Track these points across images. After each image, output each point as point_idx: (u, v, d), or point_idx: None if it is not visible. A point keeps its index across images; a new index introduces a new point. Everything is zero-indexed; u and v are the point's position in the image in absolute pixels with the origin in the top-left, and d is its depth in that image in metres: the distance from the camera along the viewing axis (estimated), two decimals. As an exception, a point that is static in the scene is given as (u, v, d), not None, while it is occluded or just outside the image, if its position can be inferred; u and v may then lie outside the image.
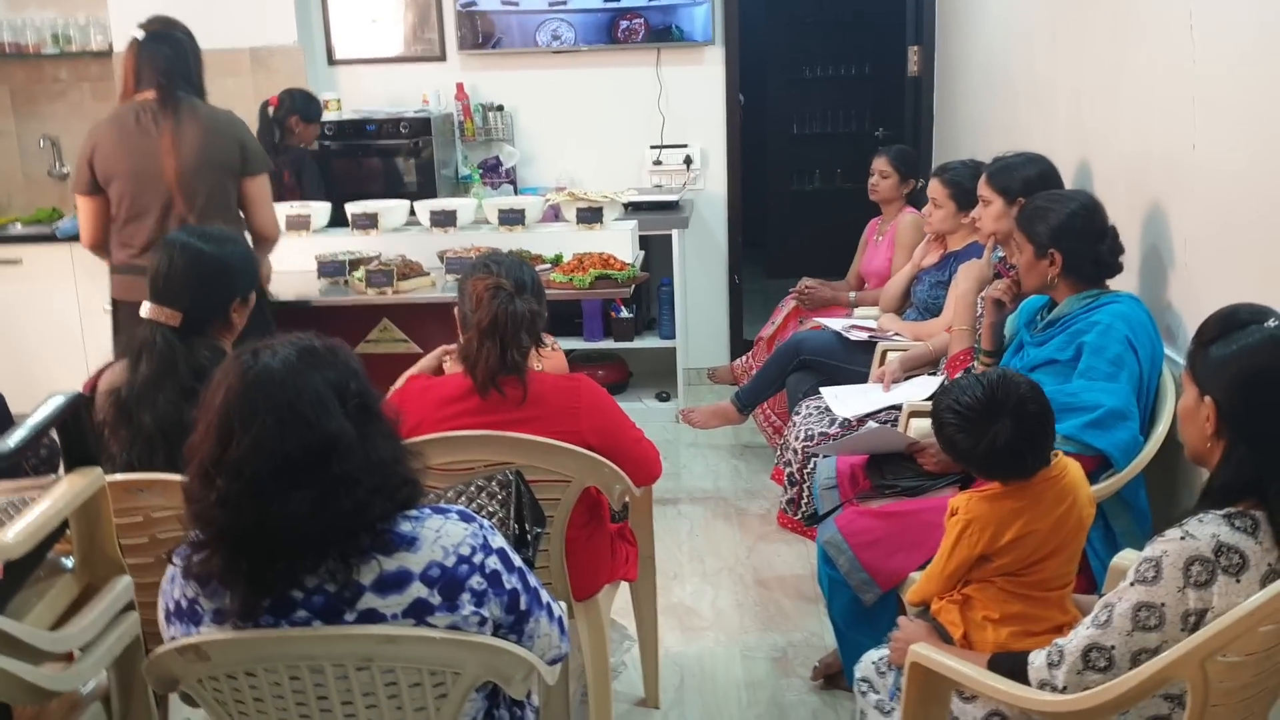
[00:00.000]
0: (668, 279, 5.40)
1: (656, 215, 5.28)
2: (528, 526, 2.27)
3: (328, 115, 5.45)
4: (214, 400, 1.64)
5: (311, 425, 1.61)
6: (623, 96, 5.83)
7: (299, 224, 4.30)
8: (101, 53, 5.70)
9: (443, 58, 5.86)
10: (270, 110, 4.90)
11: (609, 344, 5.57)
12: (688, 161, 5.83)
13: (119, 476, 2.36)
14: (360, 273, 3.86)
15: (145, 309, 2.47)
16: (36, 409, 2.10)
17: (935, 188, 3.92)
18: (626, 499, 2.59)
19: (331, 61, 5.91)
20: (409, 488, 1.73)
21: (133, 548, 2.35)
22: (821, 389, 3.76)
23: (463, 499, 2.29)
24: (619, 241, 4.20)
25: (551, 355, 2.80)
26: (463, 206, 4.35)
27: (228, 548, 1.63)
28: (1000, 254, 3.22)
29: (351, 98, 5.80)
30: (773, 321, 4.84)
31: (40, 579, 2.12)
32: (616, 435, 2.56)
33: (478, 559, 1.70)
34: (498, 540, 1.77)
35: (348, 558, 1.63)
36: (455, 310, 2.58)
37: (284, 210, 4.36)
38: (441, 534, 1.70)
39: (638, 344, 5.60)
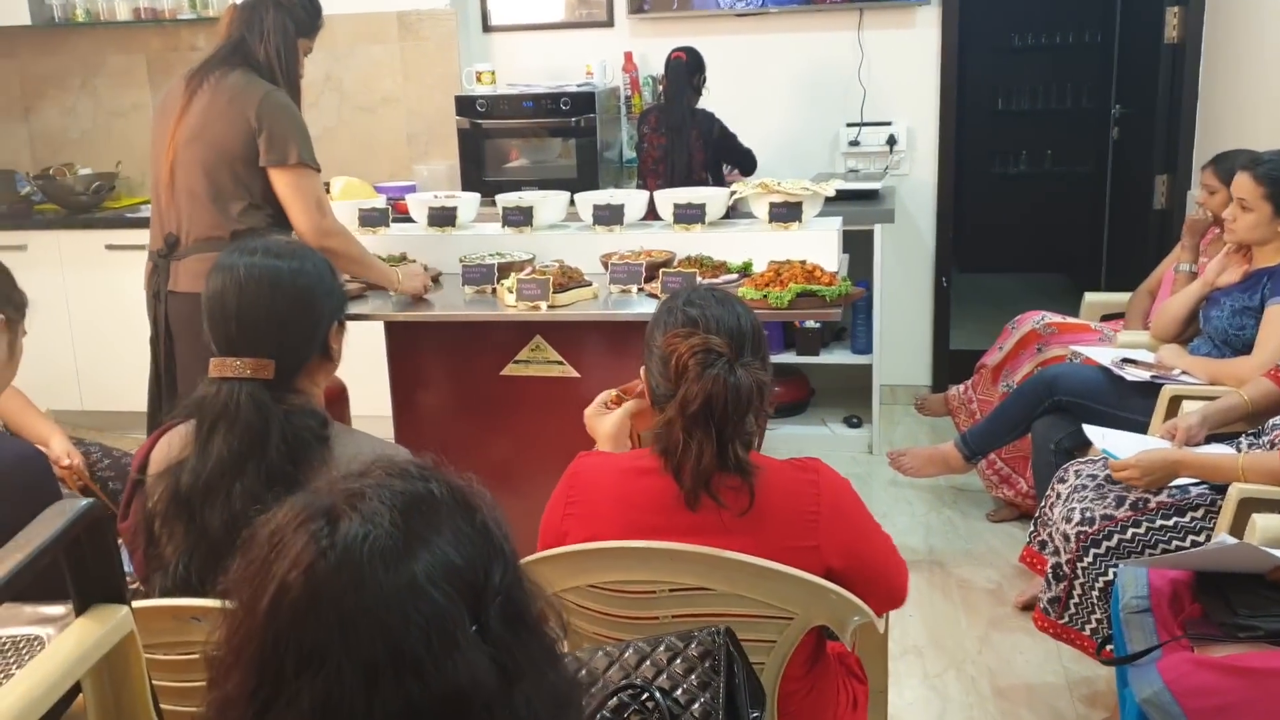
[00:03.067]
0: (864, 282, 4.57)
1: (854, 207, 4.45)
2: (746, 714, 1.52)
3: (480, 89, 4.79)
4: (256, 600, 0.93)
5: (424, 674, 0.90)
6: (817, 66, 5.01)
7: (443, 219, 3.64)
8: (237, 19, 5.15)
9: (610, 23, 5.14)
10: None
11: (790, 357, 4.79)
12: (891, 142, 4.97)
13: (164, 602, 1.70)
14: (510, 281, 3.17)
15: (218, 365, 1.80)
16: (34, 525, 1.45)
17: (1244, 184, 3.01)
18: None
19: (486, 28, 5.24)
20: None
21: (181, 692, 1.70)
22: (1087, 428, 2.92)
23: (646, 665, 1.56)
24: (821, 244, 3.40)
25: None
26: (631, 200, 3.61)
27: None
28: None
29: (507, 70, 5.12)
30: (1000, 347, 3.98)
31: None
32: (865, 550, 1.80)
33: None
34: None
35: None
36: (641, 372, 1.85)
37: (425, 201, 3.70)
38: None
39: (824, 358, 4.81)
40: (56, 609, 1.57)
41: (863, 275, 4.57)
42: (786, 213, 3.46)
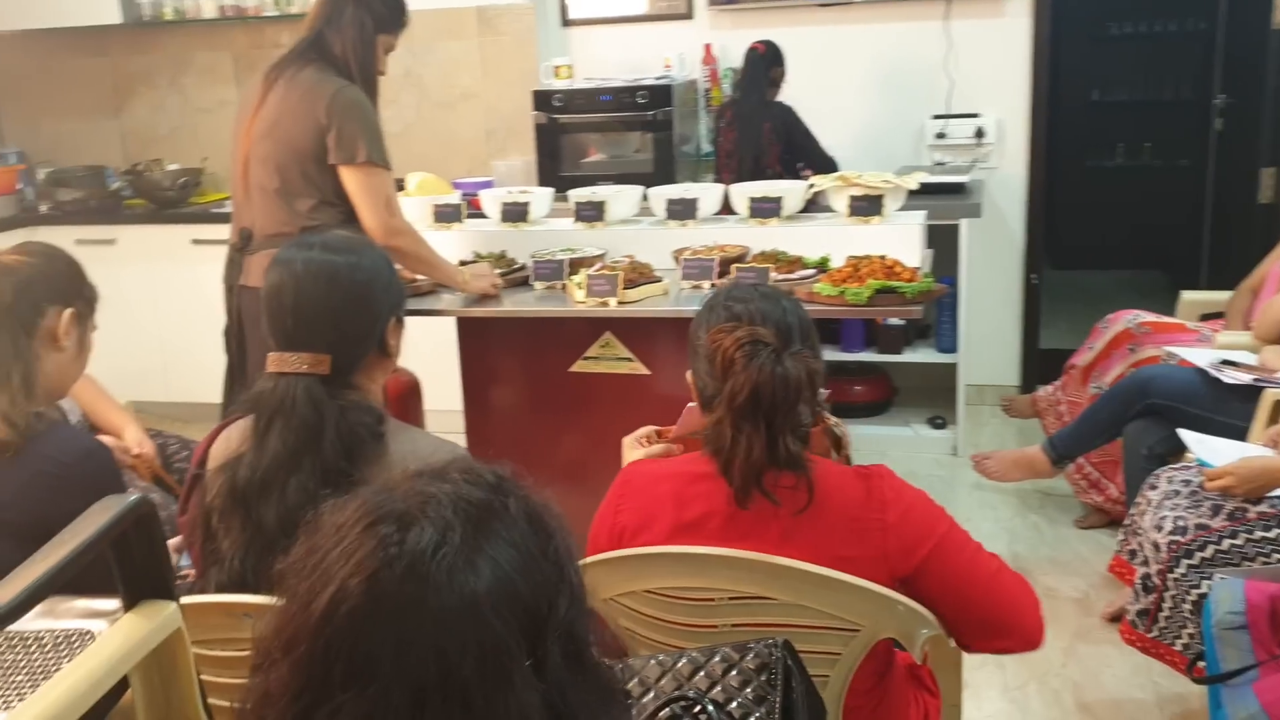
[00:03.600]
0: (950, 278, 4.43)
1: (940, 201, 4.32)
2: (799, 730, 1.45)
3: (557, 84, 4.76)
4: (312, 598, 0.88)
5: (471, 707, 0.85)
6: (901, 57, 4.88)
7: (516, 214, 3.60)
8: (320, 15, 5.18)
9: (689, 15, 5.06)
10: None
11: (871, 355, 4.67)
12: (979, 135, 4.83)
13: (215, 598, 1.68)
14: (580, 277, 3.12)
15: (276, 361, 1.78)
16: (81, 520, 1.43)
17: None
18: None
19: (565, 22, 5.21)
20: None
21: (231, 688, 1.67)
22: (1182, 433, 2.78)
23: (700, 675, 1.49)
24: (903, 239, 3.30)
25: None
26: (706, 194, 3.54)
27: None
28: None
29: (585, 64, 5.08)
30: (1090, 347, 3.82)
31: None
32: (944, 564, 1.68)
33: None
34: None
35: None
36: (688, 376, 1.79)
37: (499, 197, 3.67)
38: None
39: (907, 356, 4.68)
40: (109, 604, 1.55)
41: (948, 271, 4.43)
42: (867, 206, 3.36)
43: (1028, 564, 3.50)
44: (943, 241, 4.37)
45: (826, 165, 4.43)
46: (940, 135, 4.87)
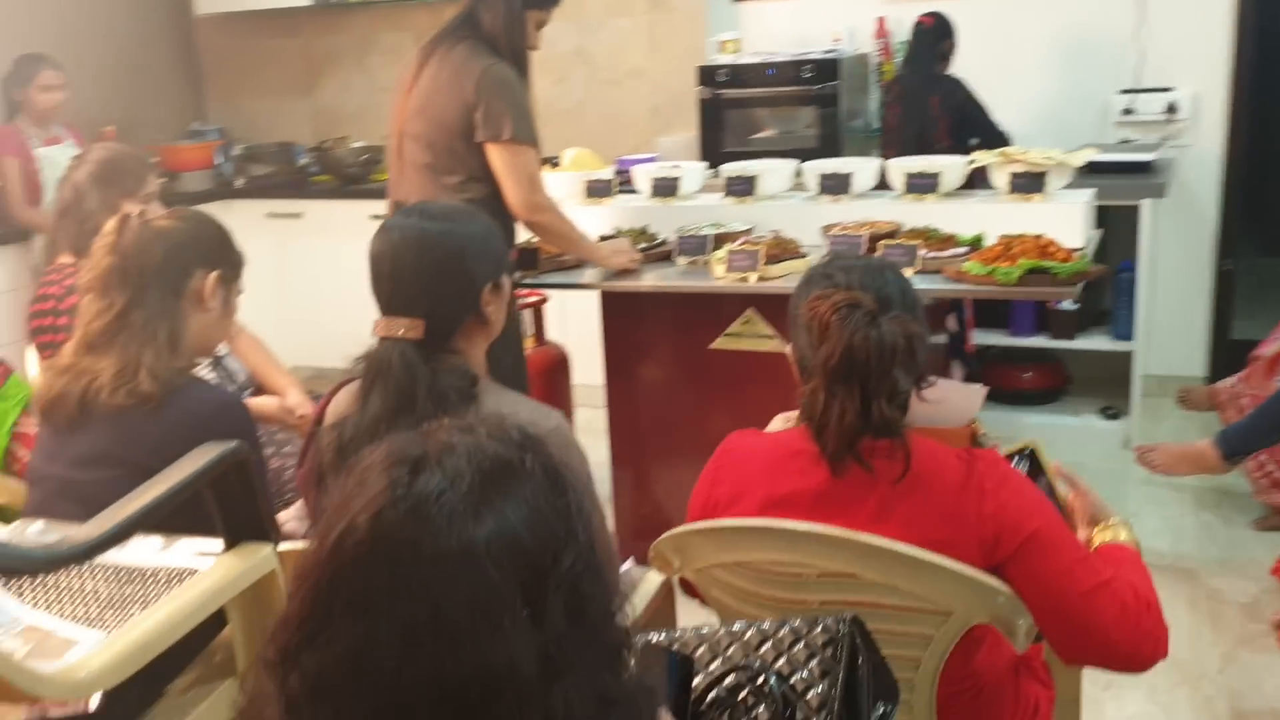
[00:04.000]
0: (1129, 262, 4.22)
1: (1121, 180, 4.10)
2: (866, 707, 1.41)
3: (723, 59, 4.73)
4: (328, 532, 0.92)
5: (459, 648, 0.87)
6: (1085, 28, 4.66)
7: (666, 189, 3.61)
8: (497, -5, 5.29)
9: (864, -13, 4.96)
10: None
11: (1043, 341, 4.48)
12: (1170, 110, 4.55)
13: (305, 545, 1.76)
14: (722, 252, 3.10)
15: (378, 325, 1.85)
16: (182, 461, 1.52)
17: None
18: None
19: (737, -3, 5.18)
20: None
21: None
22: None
23: (767, 646, 1.47)
24: (1066, 218, 3.14)
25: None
26: (860, 168, 3.46)
27: None
28: None
29: (755, 39, 5.03)
30: (1277, 338, 3.56)
31: (180, 692, 1.56)
32: (1040, 565, 1.59)
33: None
34: None
35: None
36: (789, 350, 1.76)
37: (650, 172, 3.69)
38: None
39: (1080, 343, 4.48)
40: (218, 545, 1.65)
41: (1127, 255, 4.22)
42: (1029, 183, 3.21)
43: (1193, 564, 3.30)
44: (1124, 223, 4.16)
45: (1000, 141, 4.26)
46: (1127, 111, 4.62)
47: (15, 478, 2.25)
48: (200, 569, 1.61)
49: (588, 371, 3.77)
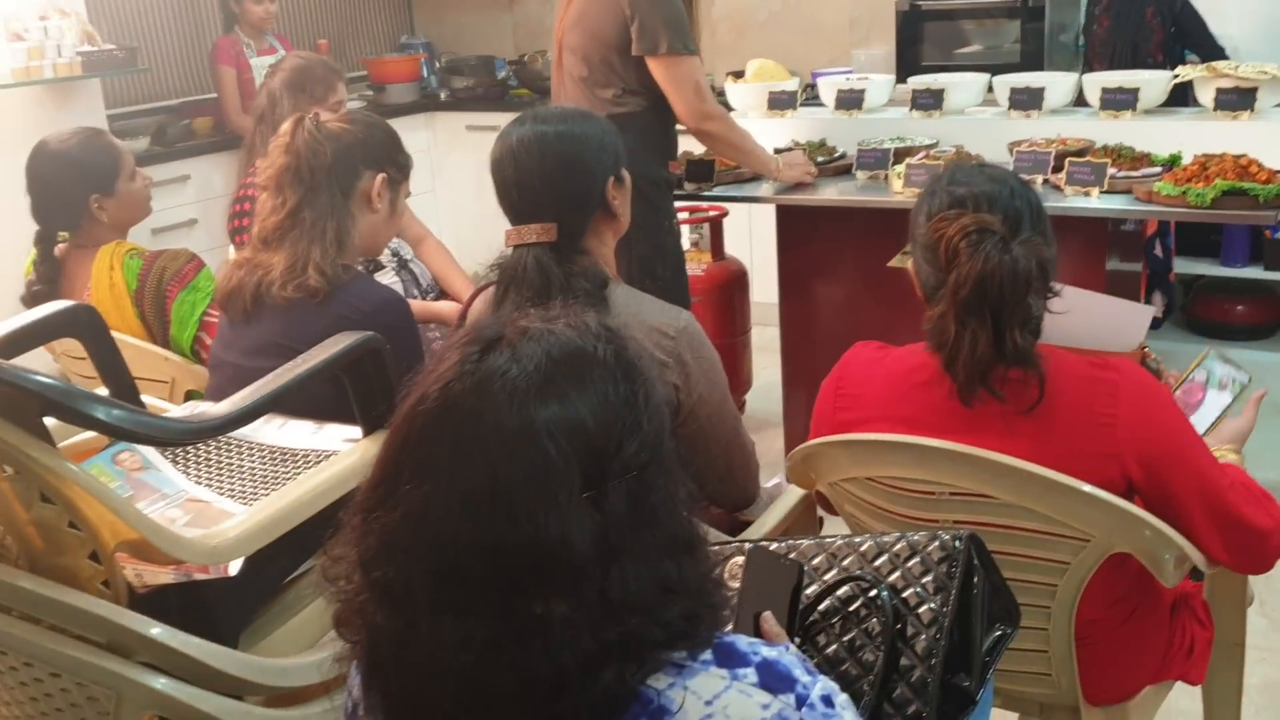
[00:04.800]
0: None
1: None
2: (980, 627, 1.37)
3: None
4: (404, 403, 0.98)
5: (516, 519, 0.89)
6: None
7: (850, 102, 3.51)
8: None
9: (1082, -109, 4.65)
10: None
11: (1256, 272, 4.17)
12: None
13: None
14: (901, 167, 3.01)
15: (510, 234, 1.87)
16: (320, 346, 1.60)
17: None
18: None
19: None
20: (689, 625, 0.96)
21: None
22: None
23: (883, 559, 1.45)
24: (1276, 137, 2.90)
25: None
26: (1054, 82, 3.27)
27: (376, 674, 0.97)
28: None
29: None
30: None
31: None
32: (1179, 469, 1.55)
33: None
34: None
35: None
36: (910, 267, 1.70)
37: (834, 84, 3.59)
38: (716, 711, 0.91)
39: (1302, 275, 4.15)
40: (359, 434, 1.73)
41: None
42: (1237, 100, 2.98)
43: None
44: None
45: (1219, 55, 3.95)
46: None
47: (203, 365, 2.41)
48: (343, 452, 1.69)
49: (768, 289, 3.74)
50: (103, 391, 1.83)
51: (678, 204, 3.23)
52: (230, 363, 2.13)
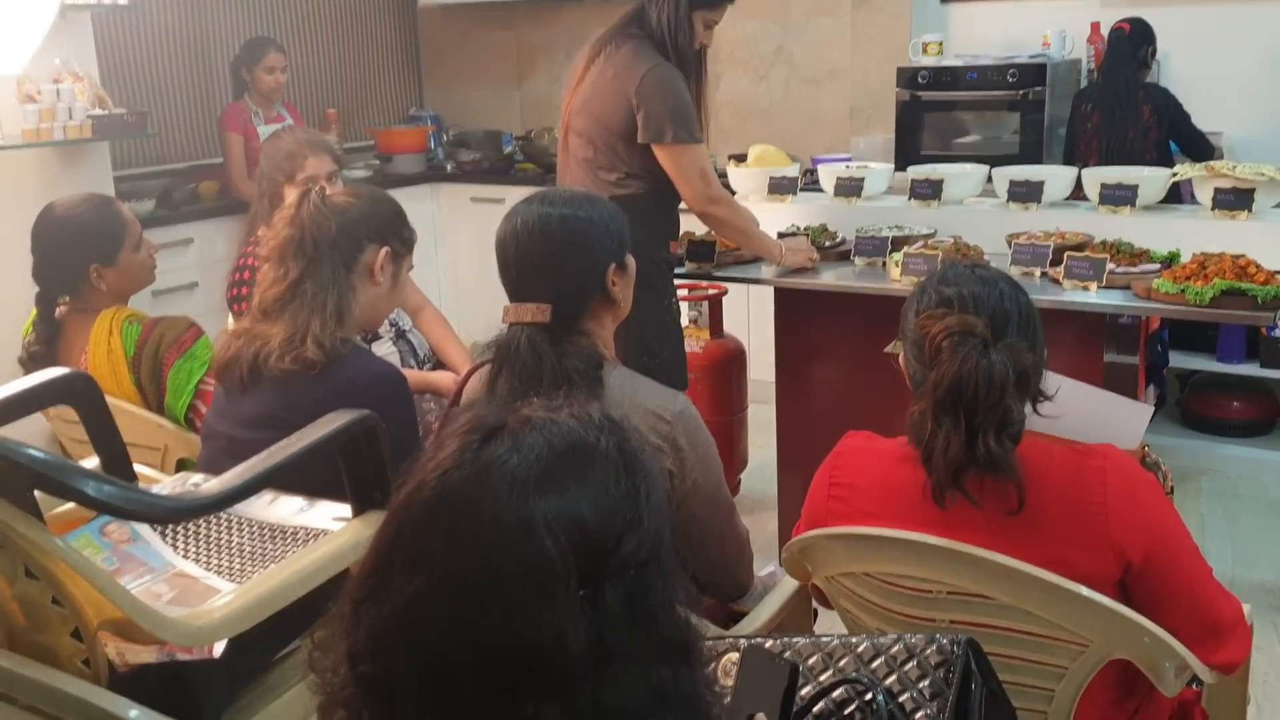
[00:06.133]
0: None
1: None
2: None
3: (925, 60, 4.61)
4: (400, 490, 0.96)
5: (509, 616, 0.88)
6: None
7: (849, 189, 3.54)
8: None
9: (1080, -11, 4.74)
10: None
11: (1253, 369, 4.18)
12: None
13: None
14: (899, 255, 3.03)
15: (507, 311, 1.87)
16: (314, 425, 1.59)
17: None
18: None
19: (945, -3, 5.03)
20: None
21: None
22: None
23: (879, 661, 1.43)
24: (1273, 238, 2.92)
25: None
26: (1053, 176, 3.31)
27: None
28: None
29: (960, 41, 4.89)
30: None
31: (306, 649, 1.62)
32: (1170, 557, 1.56)
33: None
34: None
35: None
36: (900, 360, 1.71)
37: (834, 171, 3.63)
38: None
39: (1297, 373, 4.16)
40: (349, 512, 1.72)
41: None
42: (1235, 200, 3.00)
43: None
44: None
45: (1208, 154, 4.01)
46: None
47: (197, 433, 2.40)
48: (333, 531, 1.67)
49: (766, 367, 3.74)
50: (94, 461, 1.82)
51: (677, 281, 3.24)
52: (224, 433, 2.12)
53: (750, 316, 4.54)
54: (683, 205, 3.07)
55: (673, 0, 2.98)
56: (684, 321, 3.45)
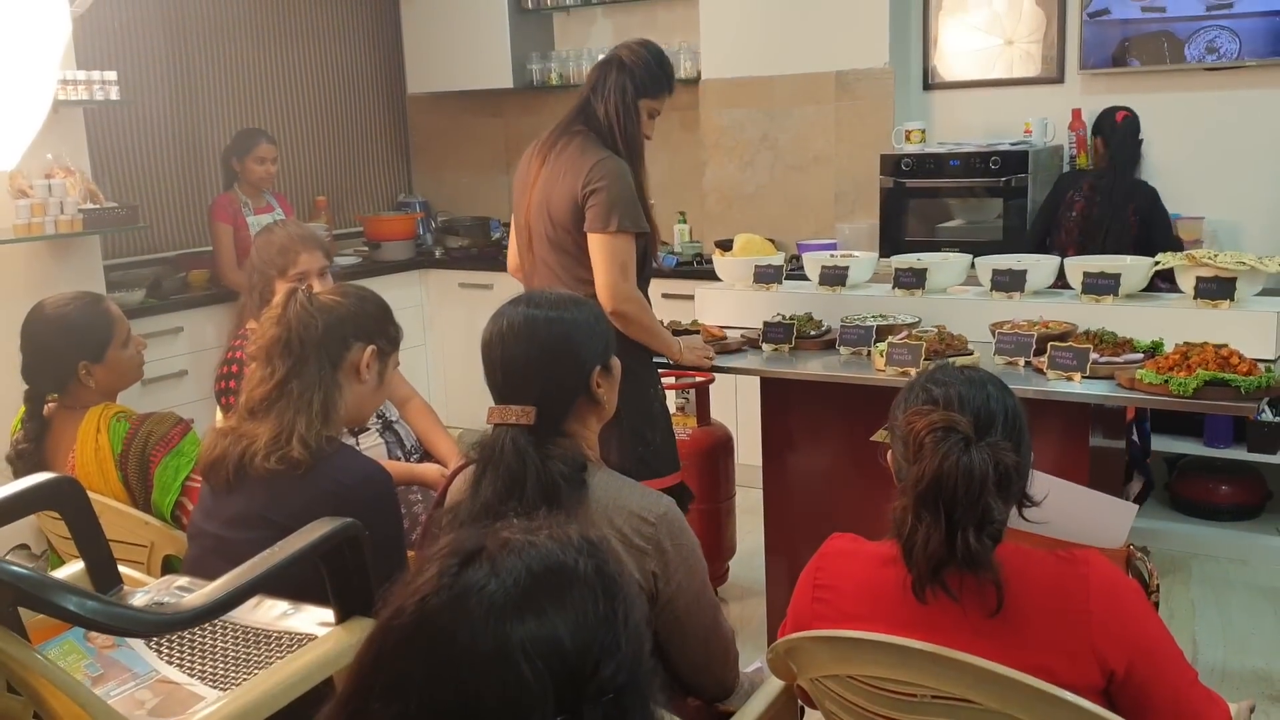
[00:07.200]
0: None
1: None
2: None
3: (908, 148, 4.69)
4: (380, 614, 0.96)
5: None
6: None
7: (833, 278, 3.58)
8: (690, 80, 5.40)
9: (1059, 79, 4.84)
10: None
11: (1239, 453, 4.20)
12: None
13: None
14: (883, 345, 3.05)
15: (491, 412, 1.88)
16: (298, 534, 1.59)
17: None
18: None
19: (927, 85, 5.13)
20: None
21: None
22: None
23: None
24: (1256, 327, 2.96)
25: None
26: (1037, 265, 3.35)
27: None
28: None
29: (942, 129, 4.99)
30: None
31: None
32: (1157, 664, 1.55)
33: None
34: None
35: None
36: (888, 457, 1.72)
37: (819, 259, 3.67)
38: None
39: (1284, 457, 4.18)
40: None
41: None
42: (1217, 289, 3.04)
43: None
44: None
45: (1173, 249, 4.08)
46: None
47: (183, 530, 2.39)
48: (318, 637, 1.67)
49: (753, 451, 3.75)
50: (77, 566, 1.81)
51: (663, 370, 3.25)
52: (211, 533, 2.12)
53: (738, 402, 4.56)
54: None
55: (618, 90, 3.00)
56: (670, 409, 3.46)
